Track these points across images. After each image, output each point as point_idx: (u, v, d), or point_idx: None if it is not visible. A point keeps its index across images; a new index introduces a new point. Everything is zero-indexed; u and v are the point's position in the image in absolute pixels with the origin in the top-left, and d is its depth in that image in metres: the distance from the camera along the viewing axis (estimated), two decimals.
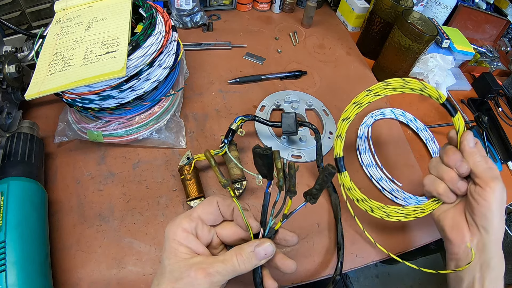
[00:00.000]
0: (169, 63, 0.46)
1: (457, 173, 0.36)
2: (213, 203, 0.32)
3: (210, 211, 0.32)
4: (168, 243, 0.29)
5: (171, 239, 0.29)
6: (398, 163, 0.55)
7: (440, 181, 0.38)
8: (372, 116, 0.59)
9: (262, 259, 0.30)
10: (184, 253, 0.29)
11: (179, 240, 0.29)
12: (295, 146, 0.53)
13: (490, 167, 0.35)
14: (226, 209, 0.32)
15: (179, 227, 0.30)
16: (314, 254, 0.43)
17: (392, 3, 0.63)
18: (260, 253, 0.29)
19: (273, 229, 0.32)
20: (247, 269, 0.29)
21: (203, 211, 0.31)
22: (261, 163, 0.31)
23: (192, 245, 0.29)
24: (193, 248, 0.29)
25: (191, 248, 0.29)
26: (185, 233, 0.29)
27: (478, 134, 0.62)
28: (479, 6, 0.86)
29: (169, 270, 0.28)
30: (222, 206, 0.32)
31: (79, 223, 0.42)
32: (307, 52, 0.72)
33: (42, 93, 0.37)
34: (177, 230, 0.29)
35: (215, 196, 0.33)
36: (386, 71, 0.67)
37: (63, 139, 0.46)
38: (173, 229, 0.30)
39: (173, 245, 0.29)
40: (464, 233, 0.35)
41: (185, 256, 0.28)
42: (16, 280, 0.30)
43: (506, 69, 0.83)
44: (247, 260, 0.29)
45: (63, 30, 0.43)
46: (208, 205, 0.32)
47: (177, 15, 0.69)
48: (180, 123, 0.51)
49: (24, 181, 0.37)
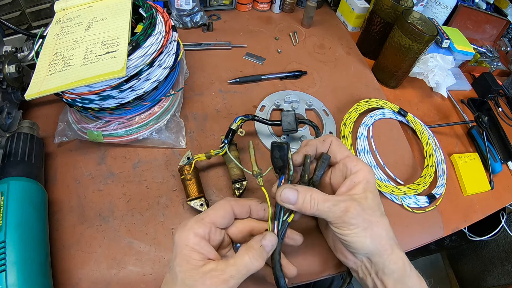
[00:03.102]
0: (169, 63, 0.46)
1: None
2: (226, 207, 0.32)
3: (223, 215, 0.31)
4: (179, 250, 0.28)
5: (183, 245, 0.28)
6: (398, 163, 0.55)
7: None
8: (372, 116, 0.59)
9: (270, 250, 0.31)
10: (197, 260, 0.28)
11: (192, 246, 0.28)
12: (295, 145, 0.53)
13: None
14: (241, 209, 0.33)
15: (191, 232, 0.29)
16: (314, 254, 0.43)
17: (392, 3, 0.63)
18: (268, 245, 0.30)
19: (286, 222, 0.34)
20: (261, 265, 0.29)
21: (216, 215, 0.31)
22: (278, 155, 0.33)
23: (205, 251, 0.29)
24: (206, 254, 0.29)
25: (203, 254, 0.29)
26: (198, 238, 0.29)
27: (478, 134, 0.62)
28: (479, 6, 0.86)
29: (181, 278, 0.27)
30: (237, 208, 0.32)
31: (79, 223, 0.42)
32: (307, 52, 0.72)
33: (42, 93, 0.37)
34: (189, 235, 0.29)
35: (227, 200, 0.33)
36: (386, 71, 0.67)
37: (63, 139, 0.46)
38: (185, 234, 0.29)
39: (185, 251, 0.28)
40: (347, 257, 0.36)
41: (198, 264, 0.28)
42: (16, 280, 0.30)
43: (506, 69, 0.83)
44: (259, 255, 0.29)
45: (63, 30, 0.43)
46: (221, 209, 0.32)
47: (177, 15, 0.69)
48: (180, 123, 0.51)
49: (24, 181, 0.37)
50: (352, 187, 0.33)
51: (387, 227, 0.33)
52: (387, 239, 0.32)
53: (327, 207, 0.31)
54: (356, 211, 0.31)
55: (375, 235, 0.31)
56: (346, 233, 0.31)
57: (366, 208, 0.31)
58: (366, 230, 0.31)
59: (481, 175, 0.58)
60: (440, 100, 0.71)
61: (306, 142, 0.37)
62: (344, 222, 0.31)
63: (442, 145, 0.59)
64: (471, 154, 0.61)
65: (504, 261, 1.09)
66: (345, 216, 0.31)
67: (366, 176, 0.33)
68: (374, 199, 0.33)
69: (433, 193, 0.51)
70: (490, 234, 0.90)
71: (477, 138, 0.62)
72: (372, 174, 0.34)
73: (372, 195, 0.33)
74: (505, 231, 0.94)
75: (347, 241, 0.31)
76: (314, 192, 0.32)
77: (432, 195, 0.51)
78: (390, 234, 0.33)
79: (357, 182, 0.33)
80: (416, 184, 0.52)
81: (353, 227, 0.31)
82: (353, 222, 0.31)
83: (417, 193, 0.51)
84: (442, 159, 0.56)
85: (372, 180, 0.34)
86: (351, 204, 0.31)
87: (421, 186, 0.51)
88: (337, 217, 0.31)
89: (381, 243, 0.32)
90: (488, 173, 0.59)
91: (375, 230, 0.31)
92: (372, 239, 0.31)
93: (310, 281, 0.42)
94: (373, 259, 0.32)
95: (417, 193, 0.51)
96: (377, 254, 0.32)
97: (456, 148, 0.63)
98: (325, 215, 0.31)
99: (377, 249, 0.31)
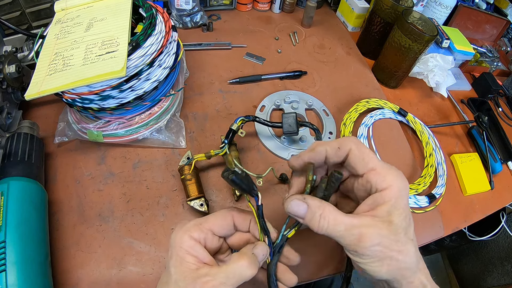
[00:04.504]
0: (169, 63, 0.46)
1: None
2: (228, 217, 0.31)
3: (222, 225, 0.30)
4: (174, 251, 0.28)
5: (178, 246, 0.28)
6: (398, 163, 0.55)
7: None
8: (372, 116, 0.59)
9: (262, 260, 0.30)
10: (190, 263, 0.27)
11: (186, 248, 0.28)
12: (295, 146, 0.53)
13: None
14: (242, 223, 0.31)
15: (186, 234, 0.28)
16: (314, 254, 0.43)
17: (392, 3, 0.63)
18: (259, 254, 0.29)
19: (285, 237, 0.32)
20: (253, 273, 0.28)
21: (216, 223, 0.30)
22: (243, 184, 0.28)
23: (199, 254, 0.28)
24: (200, 258, 0.28)
25: (198, 258, 0.28)
26: (193, 241, 0.28)
27: (478, 134, 0.62)
28: (479, 6, 0.86)
29: (174, 279, 0.27)
30: (239, 220, 0.31)
31: (79, 223, 0.42)
32: (307, 52, 0.72)
33: (42, 93, 0.37)
34: (184, 237, 0.28)
35: (230, 210, 0.31)
36: (386, 71, 0.67)
37: (63, 139, 0.46)
38: (180, 235, 0.28)
39: (179, 253, 0.28)
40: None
41: (191, 267, 0.27)
42: (16, 280, 0.30)
43: (506, 69, 0.83)
44: (252, 262, 0.28)
45: (63, 30, 0.43)
46: (222, 219, 0.30)
47: (177, 15, 0.69)
48: (180, 123, 0.51)
49: (24, 181, 0.37)
50: (375, 207, 0.28)
51: (411, 254, 0.28)
52: (409, 268, 0.28)
53: (338, 231, 0.27)
54: (371, 241, 0.26)
55: (393, 265, 0.27)
56: (358, 260, 0.27)
57: (388, 234, 0.27)
58: (382, 261, 0.27)
59: (481, 175, 0.58)
60: (440, 100, 0.71)
61: (315, 146, 0.31)
62: (357, 252, 0.27)
63: (442, 145, 0.59)
64: (471, 154, 0.61)
65: (504, 261, 1.09)
66: (358, 246, 0.26)
67: (395, 194, 0.27)
68: (401, 223, 0.27)
69: (433, 193, 0.51)
70: (490, 234, 0.90)
71: (477, 138, 0.62)
72: (405, 191, 0.28)
73: (400, 219, 0.27)
74: (505, 231, 0.94)
75: (360, 267, 0.28)
76: (326, 209, 0.28)
77: (432, 195, 0.51)
78: (412, 260, 0.28)
79: (381, 203, 0.27)
80: (416, 184, 0.52)
81: (367, 258, 0.27)
82: (367, 253, 0.26)
83: (417, 193, 0.51)
84: (442, 159, 0.56)
85: (402, 200, 0.28)
86: (367, 231, 0.26)
87: (421, 186, 0.51)
88: (349, 244, 0.27)
89: (400, 272, 0.28)
90: (488, 173, 0.59)
91: (396, 260, 0.27)
92: (389, 270, 0.27)
93: (310, 281, 0.42)
94: (391, 284, 0.29)
95: (417, 193, 0.51)
96: (394, 281, 0.28)
97: (456, 148, 0.63)
98: (336, 239, 0.28)
99: (394, 278, 0.28)
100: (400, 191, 0.28)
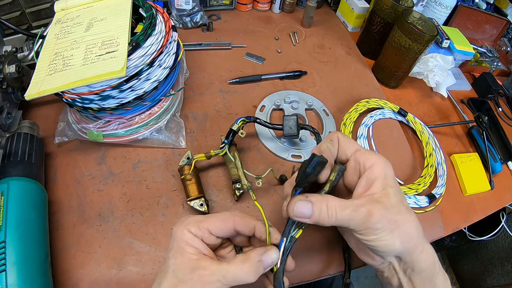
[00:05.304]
0: (169, 63, 0.46)
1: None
2: (228, 222, 0.30)
3: (221, 228, 0.30)
4: (175, 242, 0.29)
5: (179, 238, 0.29)
6: (398, 163, 0.55)
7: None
8: (372, 116, 0.59)
9: (268, 267, 0.29)
10: (191, 253, 0.28)
11: (186, 240, 0.28)
12: (295, 146, 0.53)
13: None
14: (244, 228, 0.31)
15: (186, 229, 0.29)
16: (314, 254, 0.43)
17: (392, 3, 0.63)
18: (267, 261, 0.28)
19: (294, 238, 0.31)
20: (253, 279, 0.28)
21: (214, 225, 0.30)
22: (319, 170, 0.30)
23: (199, 246, 0.29)
24: (200, 249, 0.29)
25: (198, 249, 0.29)
26: (191, 234, 0.29)
27: (478, 134, 0.62)
28: (479, 6, 0.86)
29: (172, 270, 0.28)
30: (240, 226, 0.30)
31: (79, 223, 0.42)
32: (307, 52, 0.72)
33: (42, 93, 0.37)
34: (184, 230, 0.29)
35: (232, 214, 0.31)
36: (386, 71, 0.67)
37: (63, 139, 0.46)
38: (181, 229, 0.29)
39: (180, 244, 0.28)
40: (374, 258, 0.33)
41: (192, 257, 0.28)
42: (16, 280, 0.30)
43: (506, 69, 0.83)
44: (255, 270, 0.28)
45: (63, 30, 0.43)
46: (222, 222, 0.30)
47: (177, 15, 0.69)
48: (180, 123, 0.51)
49: (24, 181, 0.37)
50: (370, 186, 0.30)
51: (416, 222, 0.30)
52: (417, 236, 0.29)
53: (347, 214, 0.28)
54: (379, 213, 0.28)
55: (404, 235, 0.28)
56: (372, 238, 0.28)
57: (390, 206, 0.28)
58: (393, 231, 0.28)
59: (481, 175, 0.58)
60: (440, 100, 0.71)
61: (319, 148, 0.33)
62: (368, 228, 0.28)
63: (442, 145, 0.59)
64: (471, 154, 0.61)
65: (504, 261, 1.09)
66: (369, 222, 0.28)
67: (383, 169, 0.30)
68: (396, 194, 0.29)
69: (433, 193, 0.51)
70: (490, 234, 0.90)
71: (477, 138, 0.62)
72: (388, 166, 0.30)
73: (394, 190, 0.29)
74: (505, 231, 0.94)
75: (375, 246, 0.29)
76: (329, 200, 0.29)
77: (432, 195, 0.51)
78: (419, 229, 0.30)
79: (373, 178, 0.30)
80: (416, 184, 0.52)
81: (379, 232, 0.28)
82: (378, 226, 0.28)
83: (417, 193, 0.51)
84: (442, 159, 0.56)
85: (390, 173, 0.30)
86: (373, 207, 0.28)
87: (421, 186, 0.51)
88: (359, 224, 0.28)
89: (412, 242, 0.29)
90: (488, 173, 0.59)
91: (404, 229, 0.29)
92: (402, 240, 0.28)
93: (310, 281, 0.42)
94: (403, 258, 0.30)
95: (417, 193, 0.51)
96: (407, 253, 0.29)
97: (456, 148, 0.63)
98: (346, 224, 0.28)
99: (407, 249, 0.29)
100: (385, 166, 0.30)
